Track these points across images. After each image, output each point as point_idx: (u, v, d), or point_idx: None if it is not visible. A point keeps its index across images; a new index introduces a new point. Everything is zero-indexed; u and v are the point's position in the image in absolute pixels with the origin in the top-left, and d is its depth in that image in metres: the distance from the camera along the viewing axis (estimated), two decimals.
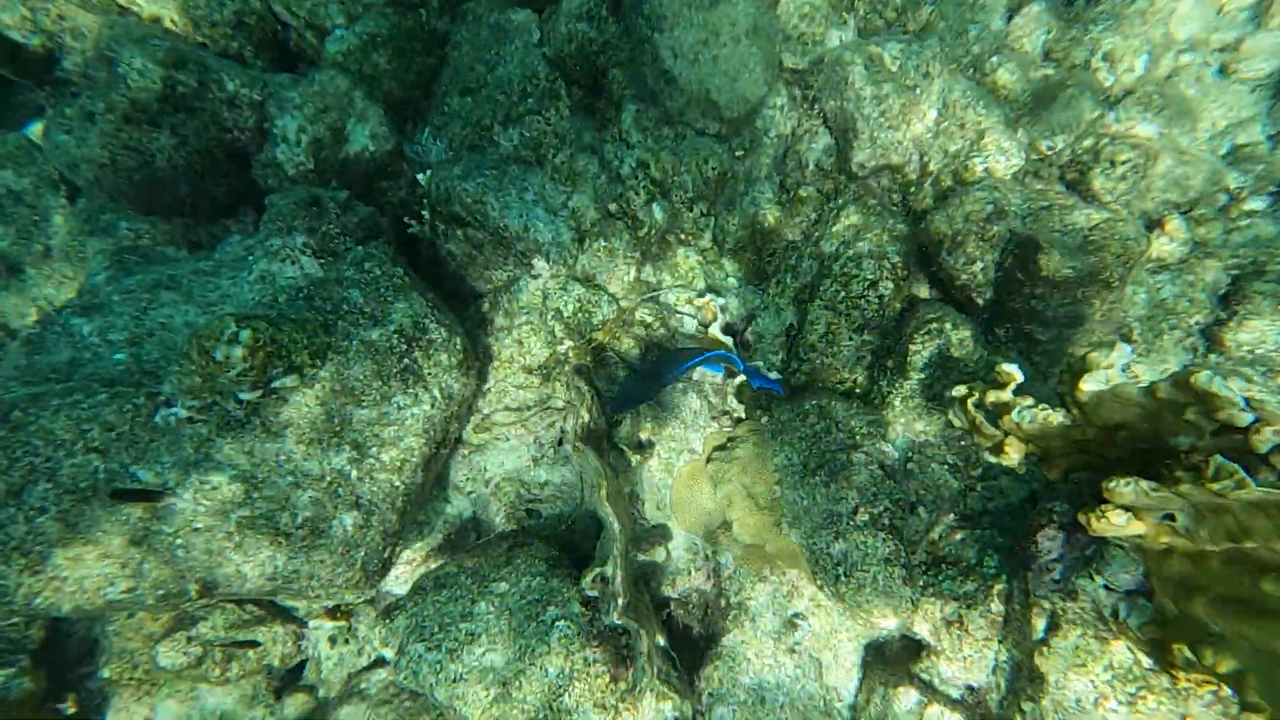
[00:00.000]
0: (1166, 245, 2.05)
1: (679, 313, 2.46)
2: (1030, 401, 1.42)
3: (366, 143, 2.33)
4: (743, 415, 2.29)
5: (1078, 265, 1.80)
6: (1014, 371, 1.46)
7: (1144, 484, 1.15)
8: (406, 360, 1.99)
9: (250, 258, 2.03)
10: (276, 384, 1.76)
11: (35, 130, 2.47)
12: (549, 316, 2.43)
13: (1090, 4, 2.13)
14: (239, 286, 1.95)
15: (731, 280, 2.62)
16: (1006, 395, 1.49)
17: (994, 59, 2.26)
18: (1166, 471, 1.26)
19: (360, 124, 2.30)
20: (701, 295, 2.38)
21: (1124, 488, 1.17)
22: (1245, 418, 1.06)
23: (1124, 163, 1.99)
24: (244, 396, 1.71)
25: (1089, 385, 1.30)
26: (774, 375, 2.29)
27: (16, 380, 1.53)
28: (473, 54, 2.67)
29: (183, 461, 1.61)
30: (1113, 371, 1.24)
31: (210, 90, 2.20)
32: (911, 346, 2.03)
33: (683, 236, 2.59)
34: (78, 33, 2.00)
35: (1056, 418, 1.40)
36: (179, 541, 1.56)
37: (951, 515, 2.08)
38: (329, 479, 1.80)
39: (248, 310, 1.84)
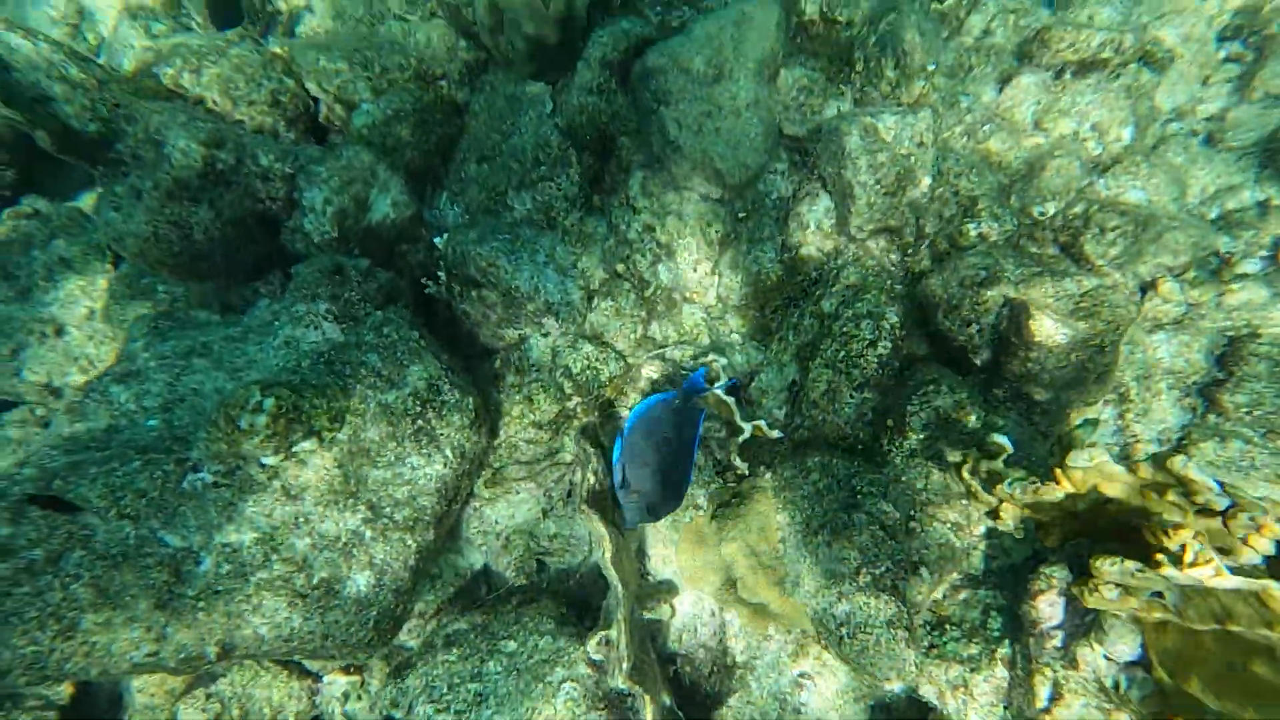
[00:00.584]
0: (1161, 306, 2.09)
1: (683, 370, 2.53)
2: (1021, 474, 1.46)
3: (388, 211, 2.47)
4: (746, 472, 2.33)
5: (1070, 332, 1.85)
6: (1004, 443, 1.51)
7: (1129, 564, 1.18)
8: (421, 421, 2.08)
9: (276, 323, 2.16)
10: (297, 448, 1.85)
11: (86, 200, 2.66)
12: (558, 374, 2.52)
13: (1076, 77, 2.23)
14: (265, 352, 2.07)
15: (735, 336, 2.69)
16: (998, 465, 1.53)
17: (986, 128, 2.36)
18: (1157, 540, 1.29)
19: (383, 194, 2.45)
20: (705, 355, 2.46)
21: (1109, 568, 1.20)
22: (1221, 503, 1.10)
23: (1114, 229, 2.06)
24: (266, 461, 1.80)
25: (1075, 462, 1.34)
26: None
27: (59, 450, 1.63)
28: (489, 123, 2.84)
29: (207, 525, 1.69)
30: (1096, 450, 1.28)
31: (246, 165, 2.37)
32: (909, 407, 2.07)
33: (688, 295, 2.68)
34: (131, 117, 2.17)
35: (1046, 491, 1.44)
36: (200, 604, 1.63)
37: (955, 574, 2.09)
38: (344, 539, 1.87)
39: (272, 376, 1.95)
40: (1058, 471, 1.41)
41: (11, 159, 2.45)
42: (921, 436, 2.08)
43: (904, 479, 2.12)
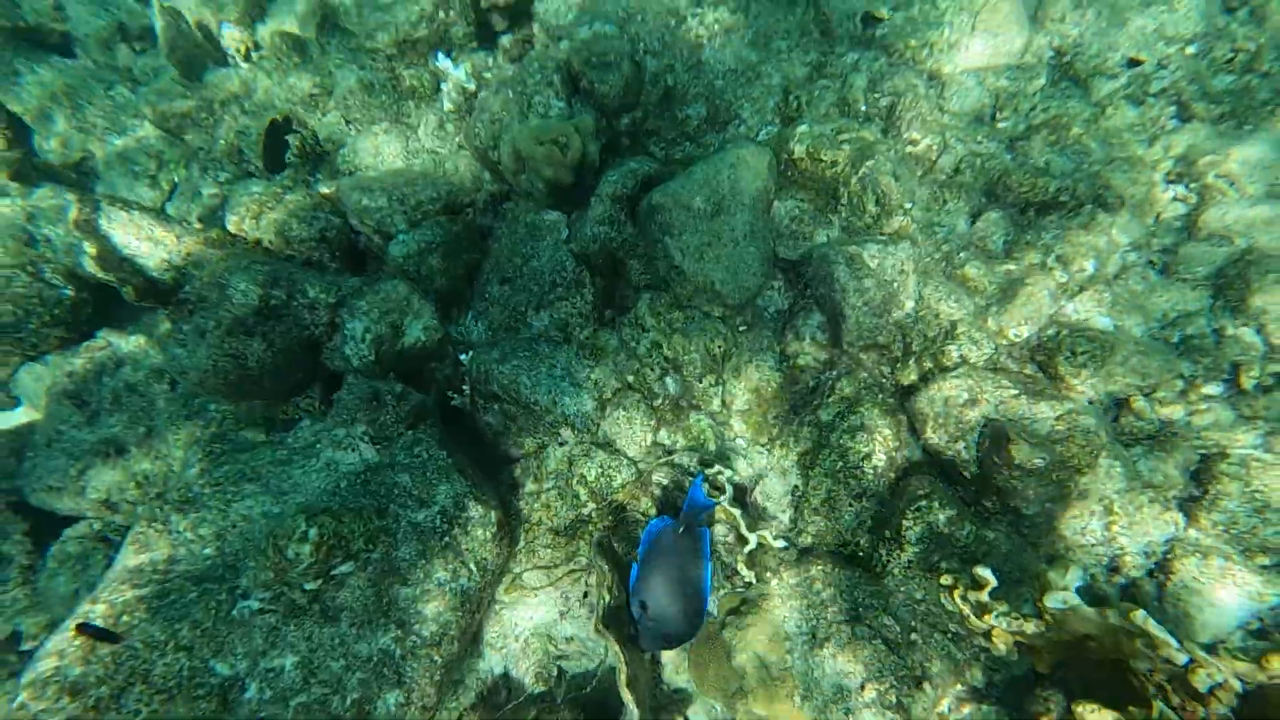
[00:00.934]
0: (1135, 422, 2.25)
1: (691, 474, 2.69)
2: (1005, 608, 1.58)
3: (420, 335, 2.73)
4: (753, 580, 2.44)
5: (1046, 456, 2.00)
6: (988, 577, 1.63)
7: (1107, 714, 1.29)
8: (447, 538, 2.24)
9: (318, 445, 2.37)
10: (336, 572, 2.01)
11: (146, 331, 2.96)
12: (574, 481, 2.69)
13: (1040, 214, 2.49)
14: (308, 476, 2.26)
15: (740, 441, 2.86)
16: (984, 597, 1.65)
17: (962, 255, 2.60)
18: (1138, 681, 1.39)
19: (416, 320, 2.71)
20: (710, 465, 2.62)
21: (1089, 714, 1.31)
22: (1181, 658, 1.22)
23: (1083, 352, 2.24)
24: (308, 586, 1.96)
25: (1050, 603, 1.47)
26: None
27: (126, 584, 1.81)
28: (511, 247, 3.14)
29: (252, 652, 1.84)
30: (1069, 594, 1.41)
31: (296, 299, 2.65)
32: (904, 521, 2.20)
33: (694, 402, 2.88)
34: (199, 263, 2.48)
35: (1030, 625, 1.55)
36: None
37: (958, 687, 2.15)
38: (375, 659, 1.99)
39: (315, 501, 2.14)
40: (1040, 605, 1.54)
41: (90, 297, 2.76)
42: (917, 549, 2.20)
43: (903, 590, 2.23)
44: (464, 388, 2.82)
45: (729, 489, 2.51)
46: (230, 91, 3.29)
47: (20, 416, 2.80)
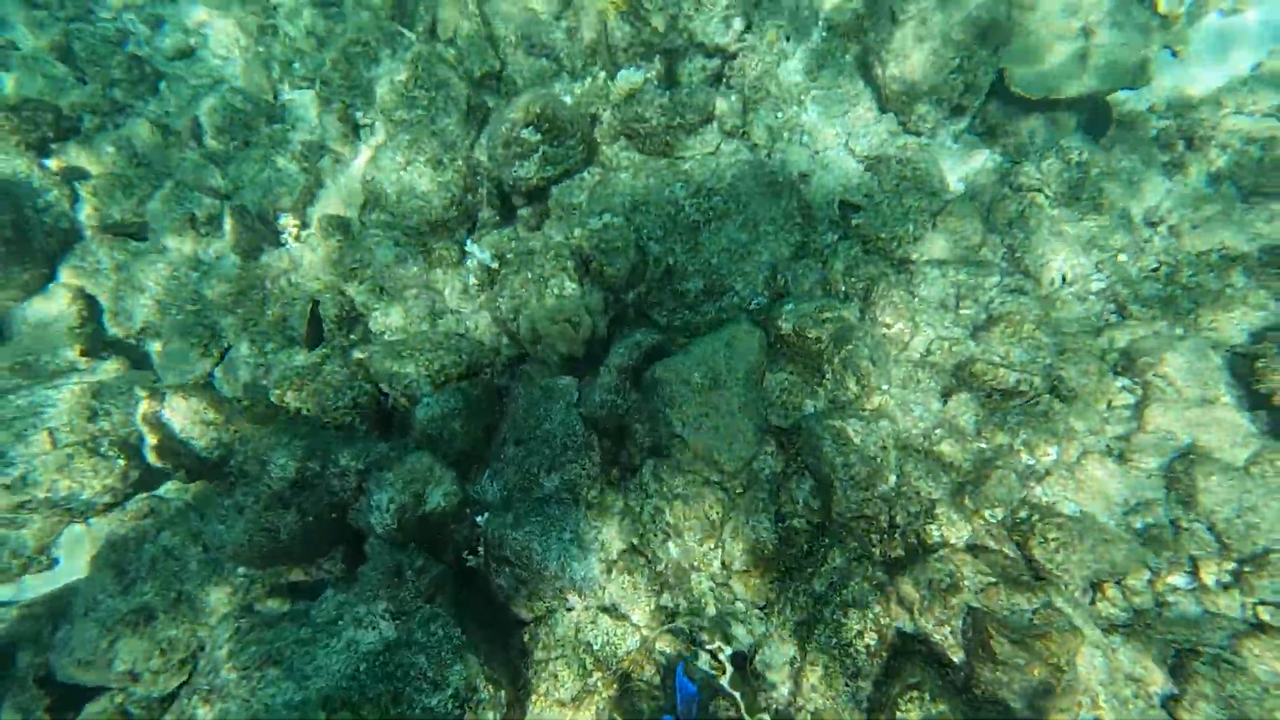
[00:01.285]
0: (1110, 609, 2.38)
1: (685, 654, 2.78)
2: None
3: (440, 501, 2.94)
4: None
5: (1026, 655, 2.13)
6: None
7: None
8: None
9: (340, 622, 2.51)
10: None
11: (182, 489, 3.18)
12: (580, 649, 2.79)
13: (1004, 399, 2.75)
14: (329, 658, 2.39)
15: (739, 604, 2.98)
16: None
17: (938, 432, 2.84)
18: None
19: (437, 488, 2.93)
20: (709, 639, 2.72)
21: None
22: None
23: (1054, 539, 2.42)
24: None
25: None
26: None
27: None
28: (526, 409, 3.42)
29: None
30: None
31: (328, 468, 2.89)
32: (899, 712, 2.29)
33: (695, 564, 3.02)
34: (244, 439, 2.73)
35: None
36: None
37: None
38: None
39: (334, 687, 2.25)
40: None
41: (140, 466, 3.00)
42: None
43: None
44: (479, 549, 2.99)
45: (729, 669, 2.60)
46: (280, 268, 3.72)
47: (59, 577, 2.96)
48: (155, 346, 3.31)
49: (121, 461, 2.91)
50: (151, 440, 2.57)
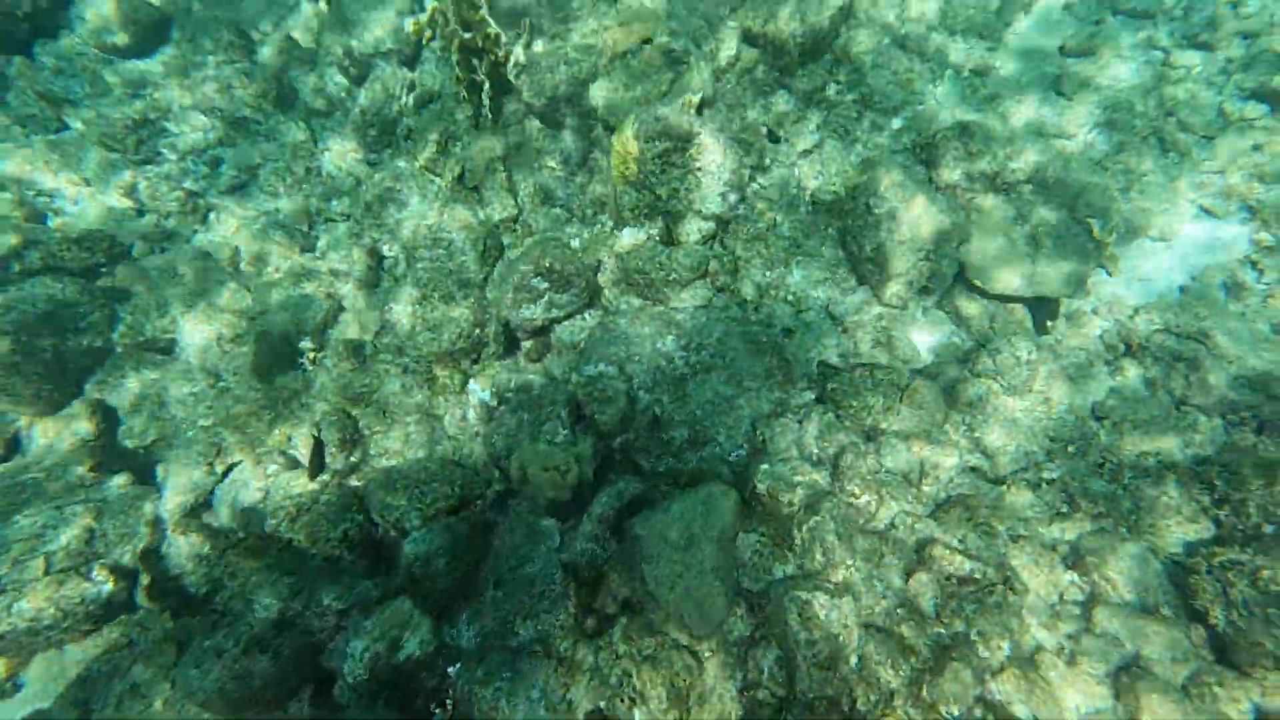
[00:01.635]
0: None
1: None
2: None
3: (415, 649, 3.00)
4: None
5: None
6: None
7: None
8: None
9: None
10: None
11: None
12: None
13: (961, 585, 2.90)
14: None
15: None
16: None
17: (899, 611, 2.97)
18: None
19: (414, 635, 3.00)
20: None
21: None
22: None
23: None
24: None
25: None
26: None
27: None
28: (510, 548, 3.54)
29: None
30: None
31: (310, 608, 2.97)
32: None
33: None
34: (233, 574, 2.84)
35: None
36: None
37: None
38: None
39: None
40: None
41: (126, 590, 3.10)
42: None
43: None
44: (447, 702, 3.02)
45: None
46: (293, 389, 3.96)
47: (18, 709, 2.95)
48: (161, 468, 3.48)
49: (109, 586, 3.00)
50: (145, 580, 2.68)
